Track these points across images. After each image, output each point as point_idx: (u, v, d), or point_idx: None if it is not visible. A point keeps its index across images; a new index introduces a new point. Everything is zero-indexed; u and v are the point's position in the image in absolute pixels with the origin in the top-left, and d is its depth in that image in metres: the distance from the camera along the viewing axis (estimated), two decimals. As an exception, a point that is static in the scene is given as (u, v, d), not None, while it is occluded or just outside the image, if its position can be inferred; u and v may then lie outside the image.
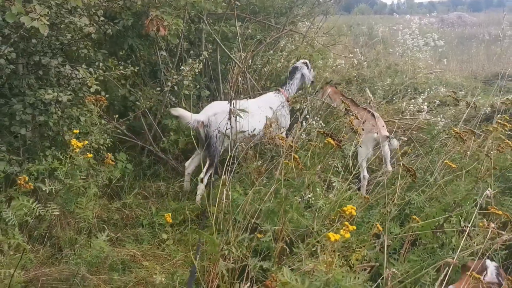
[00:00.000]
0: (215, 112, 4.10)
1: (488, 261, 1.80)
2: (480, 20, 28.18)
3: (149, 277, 2.96)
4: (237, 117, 3.99)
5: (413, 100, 2.90)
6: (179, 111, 4.00)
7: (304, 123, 3.99)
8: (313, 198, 2.41)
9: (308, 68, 4.73)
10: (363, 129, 3.33)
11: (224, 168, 3.27)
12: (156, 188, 4.34)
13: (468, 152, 2.54)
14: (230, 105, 3.89)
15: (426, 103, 4.86)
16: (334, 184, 2.34)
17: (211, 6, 4.31)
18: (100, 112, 3.08)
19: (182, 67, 4.48)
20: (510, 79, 8.52)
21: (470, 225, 1.89)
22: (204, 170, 4.07)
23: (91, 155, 2.65)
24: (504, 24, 21.41)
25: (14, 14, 2.53)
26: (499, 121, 2.58)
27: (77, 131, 2.74)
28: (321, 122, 4.06)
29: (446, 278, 1.65)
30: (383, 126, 4.02)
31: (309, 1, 6.61)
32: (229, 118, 3.97)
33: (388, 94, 6.04)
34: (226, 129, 4.00)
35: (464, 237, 1.81)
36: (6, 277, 2.27)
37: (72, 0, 2.75)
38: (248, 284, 2.04)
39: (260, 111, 4.27)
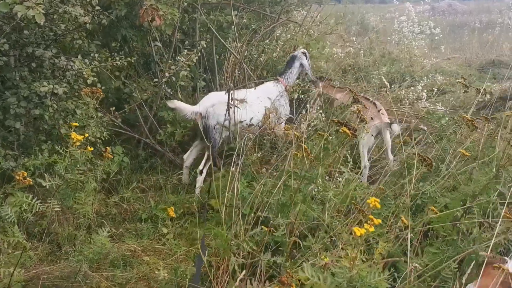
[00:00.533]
0: (213, 103, 4.02)
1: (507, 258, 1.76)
2: (470, 8, 28.21)
3: (151, 272, 2.91)
4: (235, 107, 3.93)
5: (412, 88, 2.85)
6: (176, 104, 3.93)
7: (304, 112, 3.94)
8: (321, 190, 2.35)
9: (306, 58, 4.66)
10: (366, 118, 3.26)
11: (233, 160, 3.21)
12: (154, 181, 4.27)
13: (482, 140, 2.49)
14: (228, 96, 3.82)
15: (425, 91, 4.82)
16: (343, 175, 2.29)
17: (207, -6, 4.21)
18: (96, 104, 2.99)
19: (178, 58, 4.39)
20: (504, 66, 8.55)
21: (491, 215, 1.84)
22: (203, 162, 4.01)
23: (91, 149, 2.57)
24: (495, 12, 21.40)
25: (7, 3, 2.43)
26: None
27: (76, 124, 2.64)
28: (321, 111, 4.00)
29: (469, 271, 1.60)
30: (383, 114, 3.98)
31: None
32: (228, 109, 3.90)
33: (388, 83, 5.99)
34: (225, 120, 3.94)
35: (485, 228, 1.77)
36: (6, 276, 2.20)
37: (67, -12, 2.66)
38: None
39: (259, 101, 4.20)
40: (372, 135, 3.94)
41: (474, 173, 2.31)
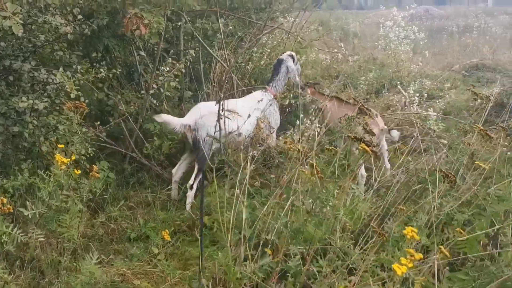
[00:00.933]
0: (202, 115, 3.86)
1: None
2: (447, 13, 28.71)
3: (144, 299, 2.72)
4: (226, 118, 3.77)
5: (403, 92, 2.75)
6: (163, 118, 3.75)
7: (297, 122, 3.81)
8: (330, 210, 2.19)
9: (294, 61, 4.49)
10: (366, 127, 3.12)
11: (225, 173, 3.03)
12: (142, 198, 4.08)
13: (498, 151, 2.38)
14: (219, 106, 3.66)
15: (417, 95, 4.74)
16: (352, 191, 2.15)
17: (193, 2, 4.06)
18: (80, 120, 2.80)
19: (162, 68, 4.22)
20: (487, 69, 8.59)
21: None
22: (193, 176, 3.83)
23: (78, 172, 2.37)
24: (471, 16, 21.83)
25: (-19, 13, 2.24)
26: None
27: (62, 146, 2.45)
28: (316, 121, 3.87)
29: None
30: (379, 121, 3.88)
31: (289, -5, 6.42)
32: (218, 120, 3.74)
33: (375, 89, 5.94)
34: (215, 131, 3.78)
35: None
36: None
37: (47, -3, 2.47)
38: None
39: (249, 112, 4.05)
40: (368, 144, 3.82)
41: (495, 188, 2.18)
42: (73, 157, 2.33)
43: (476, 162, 2.15)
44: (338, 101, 4.20)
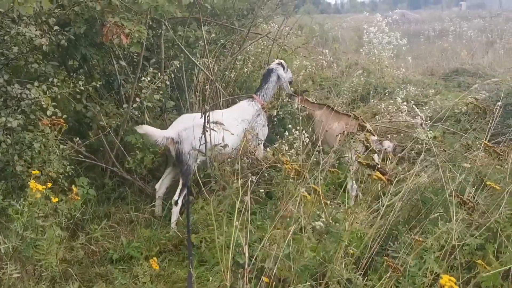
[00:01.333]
0: (185, 127, 3.70)
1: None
2: (422, 17, 29.16)
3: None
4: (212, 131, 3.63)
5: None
6: (145, 129, 3.58)
7: (286, 133, 3.68)
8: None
9: (284, 69, 4.37)
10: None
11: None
12: (124, 213, 3.89)
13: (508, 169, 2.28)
14: (205, 118, 3.51)
15: (405, 103, 4.68)
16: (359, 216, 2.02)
17: (175, 9, 3.90)
18: (58, 136, 2.61)
19: (144, 78, 4.05)
20: (468, 74, 8.66)
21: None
22: (178, 191, 3.67)
23: (56, 199, 2.18)
24: (446, 20, 22.13)
25: None
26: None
27: (37, 172, 2.25)
28: (304, 132, 3.76)
29: None
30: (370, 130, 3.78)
31: (271, 1, 6.31)
32: (204, 132, 3.59)
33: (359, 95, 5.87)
34: (200, 144, 3.62)
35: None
36: None
37: (20, 7, 2.27)
38: None
39: (236, 123, 3.90)
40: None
41: (507, 210, 2.07)
42: (49, 185, 2.14)
43: (487, 183, 2.05)
44: (329, 111, 4.10)
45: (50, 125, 2.54)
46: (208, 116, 3.51)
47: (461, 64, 9.20)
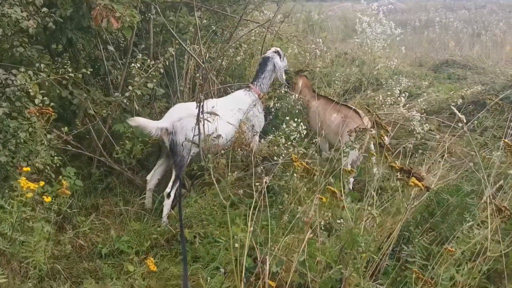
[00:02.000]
0: (180, 117, 3.55)
1: None
2: (408, 7, 29.12)
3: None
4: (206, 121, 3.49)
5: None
6: (138, 121, 3.42)
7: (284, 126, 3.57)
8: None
9: (280, 57, 4.22)
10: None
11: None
12: (112, 206, 3.74)
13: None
14: (199, 108, 3.37)
15: (403, 95, 4.59)
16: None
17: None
18: (47, 126, 2.44)
19: (133, 64, 3.87)
20: (458, 66, 8.62)
21: None
22: (170, 183, 3.53)
23: (49, 199, 2.03)
24: (432, 11, 22.15)
25: None
26: None
27: (28, 169, 2.09)
28: (302, 124, 3.64)
29: None
30: (368, 122, 3.69)
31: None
32: (198, 123, 3.45)
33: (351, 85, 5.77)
34: (194, 135, 3.49)
35: None
36: None
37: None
38: None
39: (232, 114, 3.77)
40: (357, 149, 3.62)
41: None
42: (42, 183, 1.99)
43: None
44: (326, 101, 3.98)
45: (38, 114, 2.37)
46: (202, 106, 3.37)
47: (450, 55, 9.15)
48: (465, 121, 2.36)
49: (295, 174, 2.26)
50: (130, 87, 3.61)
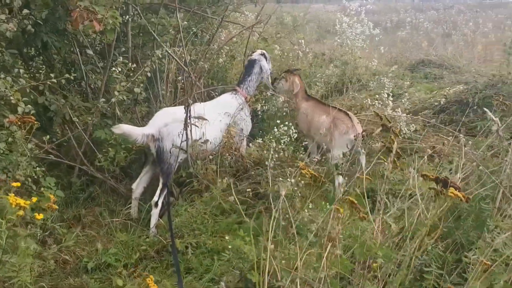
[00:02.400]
0: (165, 123, 3.42)
1: None
2: (379, 8, 29.55)
3: None
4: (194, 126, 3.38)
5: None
6: (122, 128, 3.26)
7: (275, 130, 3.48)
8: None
9: (266, 60, 4.13)
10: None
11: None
12: (95, 217, 3.57)
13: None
14: (187, 113, 3.25)
15: (391, 98, 4.57)
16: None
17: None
18: (29, 138, 2.28)
19: (113, 69, 3.71)
20: (434, 65, 8.73)
21: None
22: (158, 191, 3.39)
23: (41, 216, 1.88)
24: (402, 11, 22.52)
25: None
26: None
27: (18, 184, 1.93)
28: (292, 127, 3.57)
29: None
30: (358, 123, 3.65)
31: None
32: (185, 128, 3.33)
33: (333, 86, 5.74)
34: (182, 141, 3.37)
35: None
36: None
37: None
38: None
39: (220, 118, 3.65)
40: (345, 150, 3.57)
41: None
42: (34, 199, 1.84)
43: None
44: (316, 103, 3.91)
45: (19, 123, 2.21)
46: (190, 111, 3.26)
47: (426, 55, 9.26)
48: (499, 125, 2.31)
49: (302, 181, 2.17)
50: (116, 92, 3.45)
